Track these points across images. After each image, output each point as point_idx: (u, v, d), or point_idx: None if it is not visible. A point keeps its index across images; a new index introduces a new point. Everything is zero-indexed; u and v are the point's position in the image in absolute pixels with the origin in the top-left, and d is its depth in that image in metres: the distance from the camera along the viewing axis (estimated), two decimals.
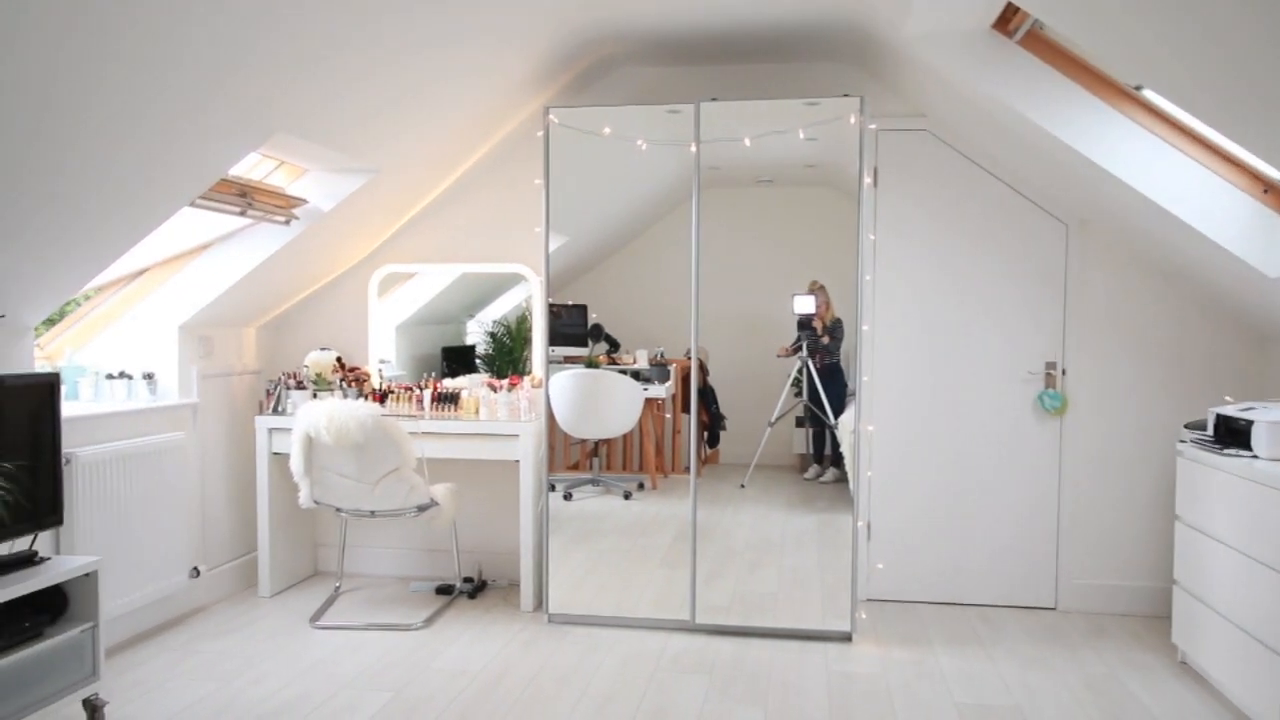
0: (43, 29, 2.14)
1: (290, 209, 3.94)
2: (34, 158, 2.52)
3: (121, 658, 3.56)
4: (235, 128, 3.02)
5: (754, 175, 4.43)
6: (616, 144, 3.99)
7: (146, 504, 3.72)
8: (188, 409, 4.10)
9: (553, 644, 3.76)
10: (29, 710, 2.72)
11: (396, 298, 4.84)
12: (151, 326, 4.03)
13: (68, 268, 3.08)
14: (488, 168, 4.57)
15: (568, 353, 4.43)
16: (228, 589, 4.38)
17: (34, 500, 2.93)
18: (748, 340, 4.47)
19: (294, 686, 3.32)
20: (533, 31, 3.54)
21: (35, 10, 2.08)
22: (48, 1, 2.07)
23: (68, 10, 2.13)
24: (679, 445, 4.61)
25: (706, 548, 4.03)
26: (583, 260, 4.56)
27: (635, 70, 4.39)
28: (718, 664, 3.55)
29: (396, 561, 4.72)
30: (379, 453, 3.85)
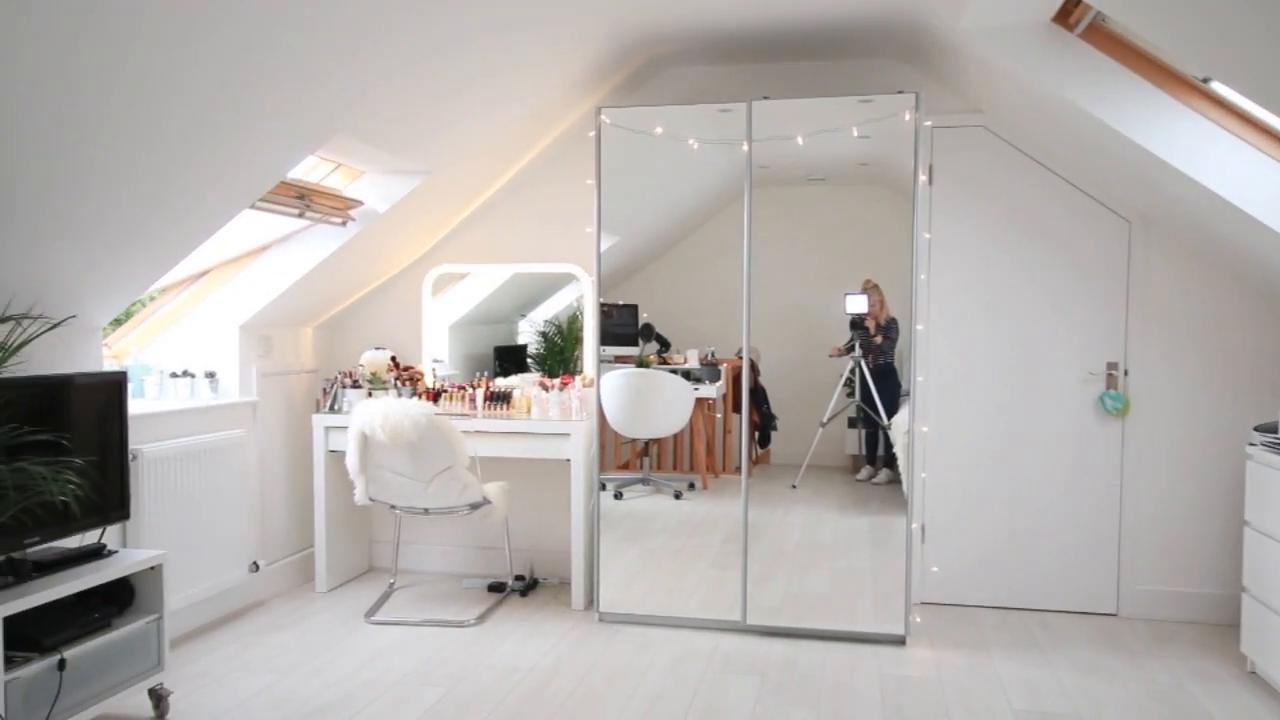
0: (107, 39, 2.20)
1: (347, 210, 4.01)
2: (102, 163, 2.59)
3: (184, 649, 3.65)
4: (295, 131, 3.08)
5: (806, 174, 4.40)
6: (668, 143, 3.99)
7: (208, 499, 3.81)
8: (248, 407, 4.19)
9: (603, 643, 3.77)
10: (99, 698, 2.81)
11: (449, 297, 4.90)
12: (213, 326, 4.12)
13: (134, 269, 3.17)
14: (540, 168, 4.60)
15: (618, 352, 4.44)
16: (285, 584, 4.46)
17: (103, 495, 3.02)
18: (799, 340, 4.44)
19: (350, 680, 3.37)
20: (585, 32, 3.55)
21: (100, 20, 2.14)
22: (111, 12, 2.13)
23: (131, 20, 2.19)
24: (729, 445, 4.60)
25: (757, 548, 4.01)
26: (633, 260, 4.56)
27: (687, 69, 4.39)
28: (769, 665, 3.53)
29: (449, 559, 4.77)
30: (433, 451, 3.89)
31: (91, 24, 2.13)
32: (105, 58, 2.25)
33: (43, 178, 2.49)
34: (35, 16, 2.02)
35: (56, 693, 2.66)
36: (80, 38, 2.15)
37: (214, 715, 3.08)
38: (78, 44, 2.16)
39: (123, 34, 2.21)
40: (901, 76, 4.17)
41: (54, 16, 2.05)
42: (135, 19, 2.19)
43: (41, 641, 2.65)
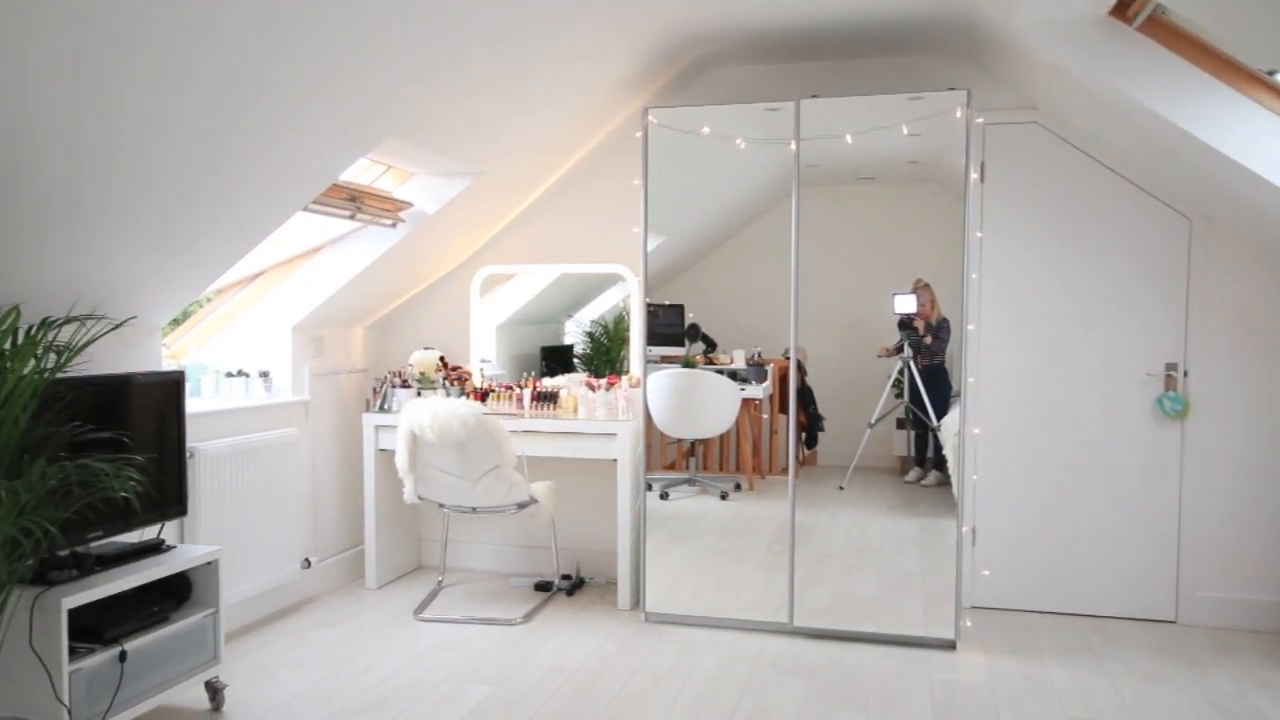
0: (167, 50, 2.25)
1: (397, 212, 4.06)
2: (162, 169, 2.65)
3: (239, 643, 3.73)
4: (347, 134, 3.12)
5: (854, 172, 4.36)
6: (715, 143, 3.97)
7: (262, 497, 3.88)
8: (300, 406, 4.26)
9: (649, 643, 3.77)
10: (158, 690, 2.87)
11: (497, 298, 4.93)
12: (267, 327, 4.20)
13: (192, 271, 3.24)
14: (586, 169, 4.62)
15: (664, 352, 4.44)
16: (336, 580, 4.53)
17: (161, 491, 3.10)
18: (847, 340, 4.40)
19: (399, 676, 3.41)
20: (633, 33, 3.55)
21: (160, 32, 2.19)
22: (173, 22, 2.18)
23: (192, 28, 2.23)
24: (776, 446, 4.57)
25: (804, 550, 3.98)
26: (680, 260, 4.56)
27: (734, 69, 4.37)
28: (816, 667, 3.51)
29: (496, 557, 4.80)
30: (480, 450, 3.93)
31: (150, 38, 2.18)
32: (165, 71, 2.30)
33: (105, 184, 2.56)
34: (97, 33, 2.08)
35: (118, 683, 2.73)
36: (137, 54, 2.20)
37: (268, 708, 3.14)
38: (135, 59, 2.21)
39: (179, 47, 2.26)
40: (952, 73, 4.11)
41: (113, 33, 2.11)
42: (194, 27, 2.24)
43: (104, 633, 2.72)
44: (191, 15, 2.21)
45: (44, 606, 2.56)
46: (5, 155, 2.26)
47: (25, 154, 2.30)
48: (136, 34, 2.16)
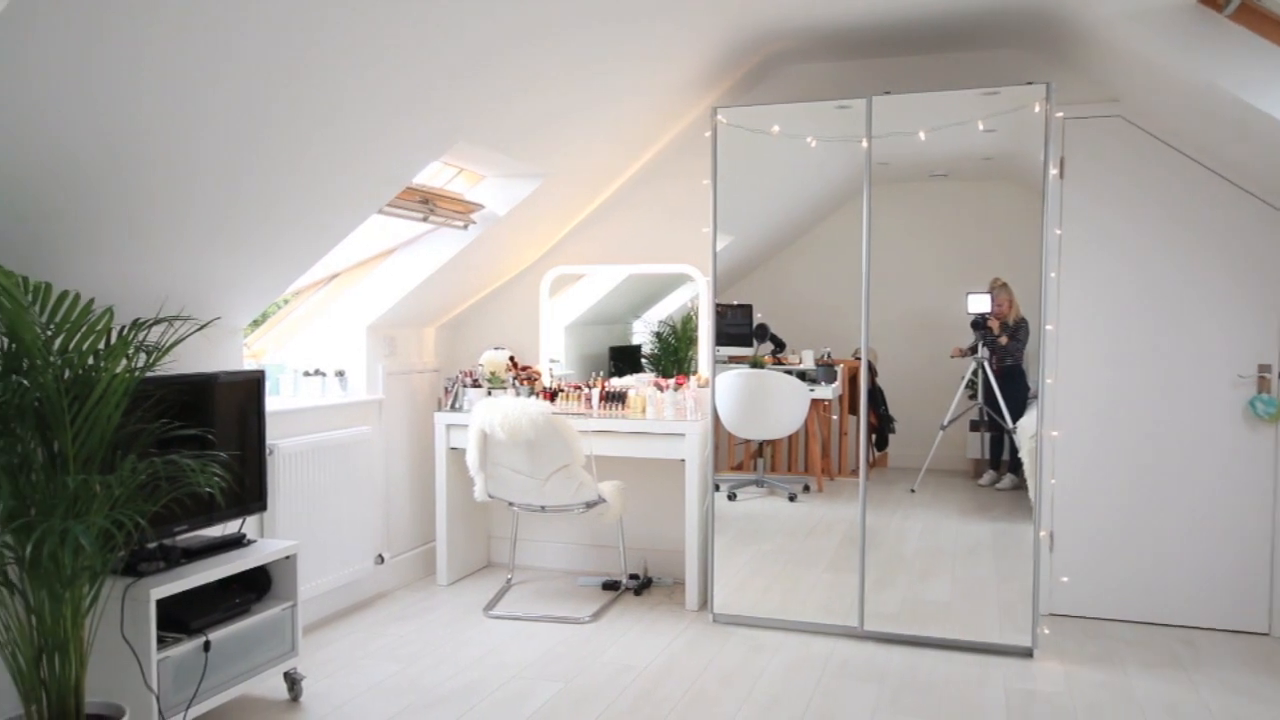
0: (256, 64, 2.32)
1: (468, 214, 4.11)
2: (245, 175, 2.73)
3: (315, 636, 3.82)
4: (420, 138, 3.18)
5: (927, 170, 4.27)
6: (784, 142, 3.94)
7: (337, 493, 3.97)
8: (374, 404, 4.35)
9: (717, 644, 3.76)
10: (239, 679, 2.96)
11: (566, 298, 4.97)
12: (343, 327, 4.30)
13: (272, 273, 3.33)
14: (655, 170, 4.62)
15: (732, 352, 4.42)
16: (408, 576, 4.61)
17: (242, 487, 3.19)
18: (919, 340, 4.32)
19: (470, 672, 3.46)
20: (702, 32, 3.54)
21: (239, 42, 2.25)
22: (250, 32, 2.24)
23: (280, 43, 2.30)
24: (846, 447, 4.51)
25: (875, 553, 3.92)
26: (748, 260, 4.53)
27: (804, 67, 4.33)
28: (888, 673, 3.45)
29: (564, 556, 4.84)
30: (549, 449, 3.96)
31: (240, 52, 2.25)
32: (252, 82, 2.37)
33: (190, 192, 2.65)
34: (187, 46, 2.15)
35: (202, 672, 2.82)
36: (226, 68, 2.27)
37: (343, 700, 3.21)
38: (223, 73, 2.28)
39: (268, 61, 2.33)
40: (1030, 67, 4.01)
41: (203, 46, 2.17)
42: (272, 36, 2.30)
43: (189, 624, 2.81)
44: (279, 31, 2.27)
45: (134, 597, 2.65)
46: (102, 166, 2.35)
47: (120, 163, 2.39)
48: (227, 48, 2.23)
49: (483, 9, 2.67)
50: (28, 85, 2.02)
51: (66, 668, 2.35)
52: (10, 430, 2.27)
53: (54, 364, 2.28)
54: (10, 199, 2.29)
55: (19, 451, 2.30)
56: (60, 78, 2.06)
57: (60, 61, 2.02)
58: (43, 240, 2.48)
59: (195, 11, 2.10)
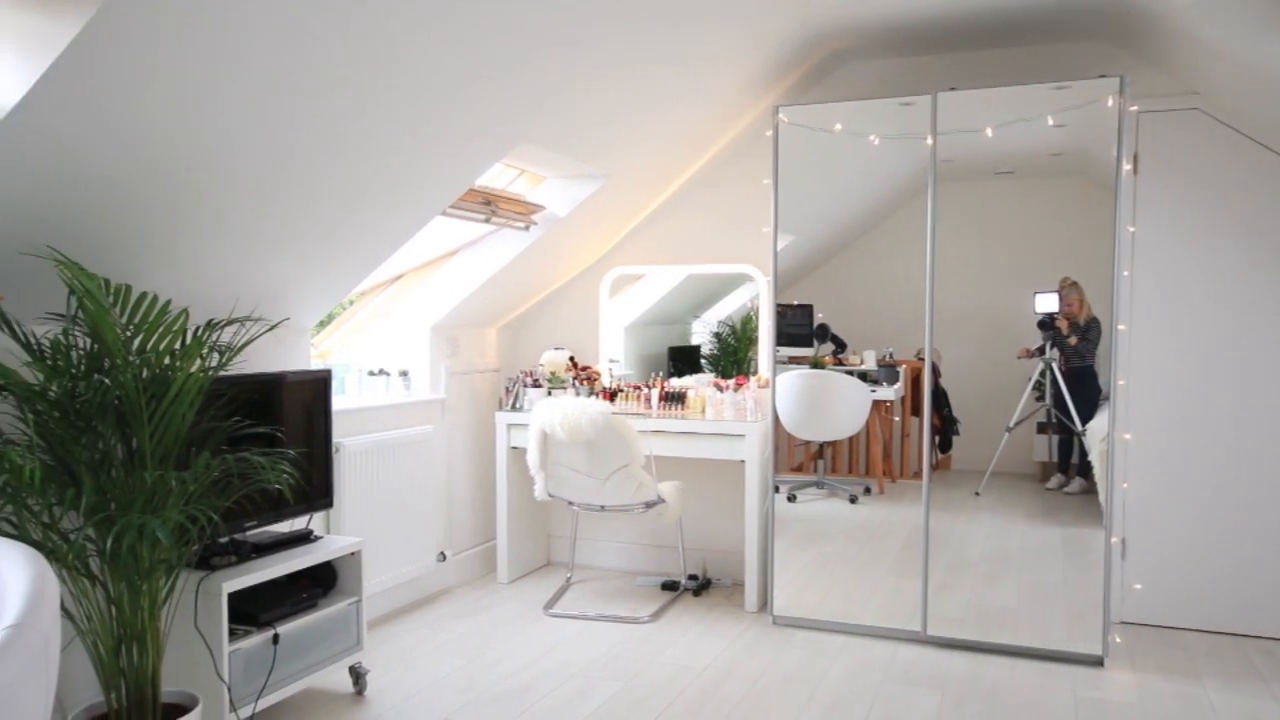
0: (323, 71, 2.37)
1: (530, 215, 4.15)
2: (314, 180, 2.79)
3: (379, 631, 3.88)
4: (484, 140, 3.21)
5: (993, 167, 4.19)
6: (847, 140, 3.90)
7: (400, 491, 4.03)
8: (437, 404, 4.41)
9: (777, 646, 3.73)
10: (307, 671, 3.03)
11: (626, 299, 4.98)
12: (407, 327, 4.37)
13: (339, 274, 3.40)
14: (715, 169, 4.61)
15: (792, 353, 4.38)
16: (469, 574, 4.67)
17: (310, 484, 3.26)
18: (984, 341, 4.23)
19: (531, 669, 3.49)
20: (764, 29, 3.52)
21: (317, 54, 2.30)
22: (321, 41, 2.29)
23: (340, 46, 2.34)
24: (908, 449, 4.44)
25: (938, 557, 3.86)
26: (809, 259, 4.49)
27: (867, 64, 4.28)
28: (951, 679, 3.39)
29: (623, 555, 4.85)
30: (609, 449, 3.97)
31: (312, 65, 2.30)
32: (321, 90, 2.42)
33: (263, 196, 2.71)
34: (263, 68, 2.21)
35: (271, 664, 2.89)
36: (299, 77, 2.32)
37: (407, 695, 3.26)
38: (299, 81, 2.33)
39: (334, 69, 2.37)
40: (1102, 59, 3.90)
41: (276, 65, 2.23)
42: (342, 44, 2.35)
43: (258, 617, 2.88)
44: (354, 40, 2.31)
45: (207, 589, 2.73)
46: (181, 172, 2.42)
47: (199, 170, 2.46)
48: (306, 60, 2.28)
49: (544, 12, 2.69)
50: (113, 95, 2.09)
51: (144, 657, 2.43)
52: (92, 427, 2.35)
53: (133, 363, 2.35)
54: (94, 204, 2.37)
55: (100, 448, 2.38)
56: (144, 88, 2.12)
57: (145, 73, 2.08)
58: (124, 243, 2.57)
59: (277, 27, 2.15)
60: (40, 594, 1.51)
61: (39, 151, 2.14)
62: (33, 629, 1.43)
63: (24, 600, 1.48)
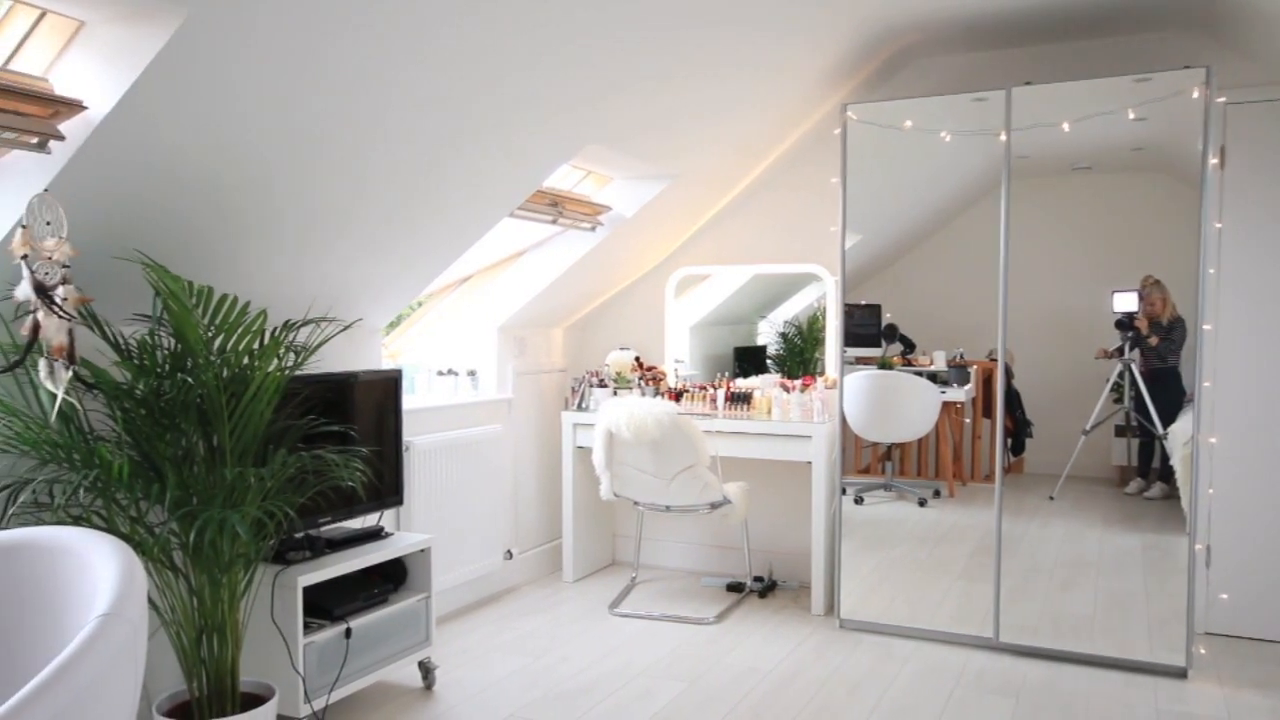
0: (392, 75, 2.41)
1: (596, 216, 4.16)
2: (386, 183, 2.84)
3: (447, 627, 3.94)
4: (551, 142, 3.24)
5: (1069, 162, 4.08)
6: (917, 137, 3.83)
7: (468, 489, 4.08)
8: (504, 404, 4.46)
9: (845, 650, 3.69)
10: (378, 666, 3.09)
11: (691, 299, 4.97)
12: (475, 328, 4.42)
13: (410, 275, 3.46)
14: (782, 169, 4.58)
15: (860, 354, 4.33)
16: (535, 572, 4.71)
17: (381, 481, 3.32)
18: (1059, 341, 4.12)
19: (596, 668, 3.50)
20: (833, 26, 3.48)
21: (384, 58, 2.34)
22: (395, 48, 2.33)
23: (414, 52, 2.38)
24: (979, 452, 4.35)
25: (1011, 562, 3.77)
26: (877, 258, 4.42)
27: (939, 59, 4.20)
28: (1025, 687, 3.31)
29: (688, 556, 4.84)
30: (675, 449, 3.97)
31: (376, 65, 2.34)
32: (395, 97, 2.46)
33: (338, 201, 2.77)
34: (343, 78, 2.25)
35: (344, 658, 2.95)
36: (369, 83, 2.37)
37: (475, 690, 3.30)
38: (368, 85, 2.38)
39: (400, 73, 2.42)
40: (1186, 49, 3.77)
41: (343, 63, 2.28)
42: (412, 51, 2.39)
43: (332, 611, 2.95)
44: (414, 41, 2.35)
45: (283, 583, 2.80)
46: (262, 179, 2.49)
47: (278, 177, 2.52)
48: (377, 65, 2.33)
49: (611, 15, 2.70)
50: (197, 104, 2.16)
51: (224, 648, 2.50)
52: (176, 425, 2.43)
53: (214, 363, 2.42)
54: (179, 209, 2.45)
55: (183, 444, 2.46)
56: (226, 97, 2.19)
57: (227, 82, 2.15)
58: (206, 247, 2.65)
59: (352, 37, 2.20)
60: (129, 585, 1.56)
61: (128, 160, 2.22)
62: (122, 618, 1.49)
63: (114, 591, 1.53)
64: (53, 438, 2.32)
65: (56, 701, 1.33)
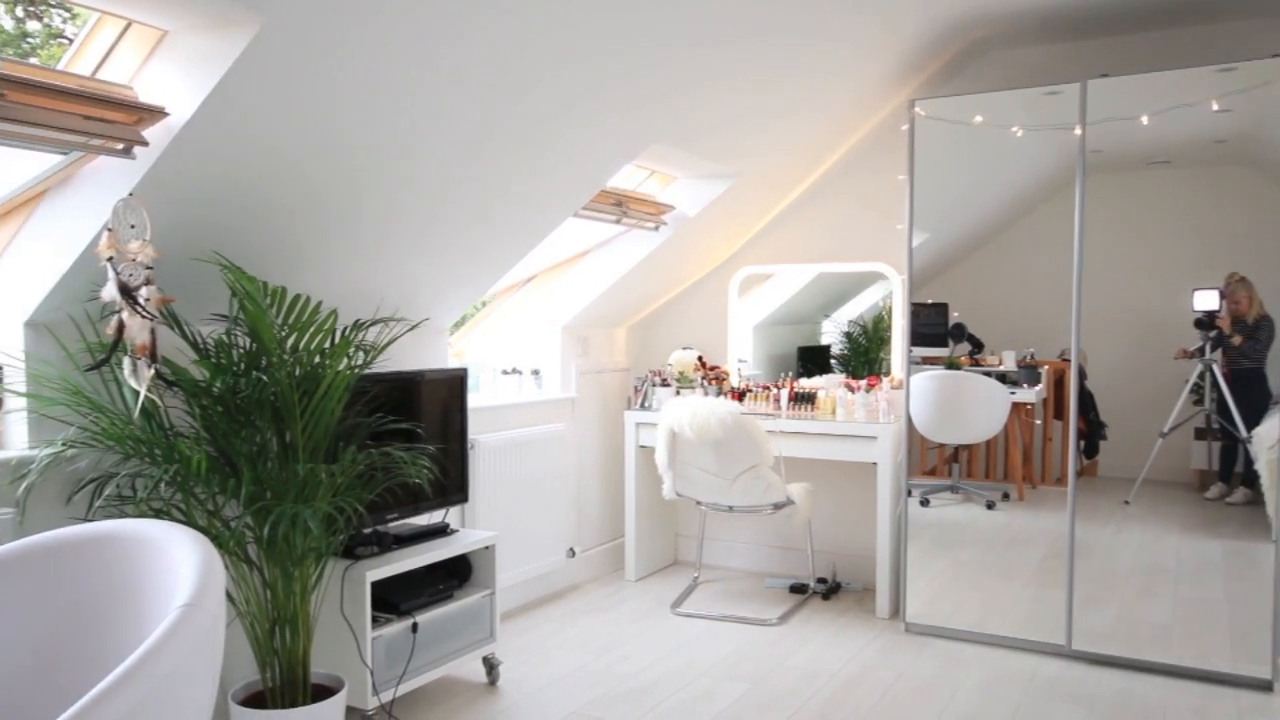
0: (458, 78, 2.44)
1: (660, 215, 4.17)
2: (453, 184, 2.88)
3: (510, 624, 3.98)
4: (616, 141, 3.25)
5: (1146, 156, 3.95)
6: (987, 132, 3.76)
7: (532, 487, 4.12)
8: (567, 403, 4.49)
9: (910, 654, 3.63)
10: (443, 660, 3.13)
11: (754, 298, 4.95)
12: (539, 327, 4.46)
13: (476, 275, 3.50)
14: (848, 166, 4.52)
15: (926, 353, 4.25)
16: (598, 570, 4.73)
17: (447, 478, 3.37)
18: (1135, 341, 4.00)
19: (658, 667, 3.50)
20: (900, 21, 3.43)
21: (449, 62, 2.37)
22: (460, 52, 2.36)
23: (480, 55, 2.41)
24: (1049, 454, 4.24)
25: (1084, 567, 3.67)
26: (943, 257, 4.34)
27: (1009, 52, 4.11)
28: (1099, 697, 3.22)
29: (751, 556, 4.81)
30: (738, 449, 3.95)
31: (441, 69, 2.38)
32: (460, 101, 2.50)
33: (405, 203, 2.82)
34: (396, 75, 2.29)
35: (410, 652, 3.00)
36: (433, 85, 2.40)
37: (538, 687, 3.33)
38: (435, 89, 2.42)
39: (466, 76, 2.44)
40: (1274, 38, 3.63)
41: (409, 69, 2.31)
42: (476, 58, 2.41)
43: (399, 606, 3.00)
44: (485, 44, 2.38)
45: (352, 578, 2.86)
46: (333, 181, 2.55)
47: (348, 179, 2.58)
48: (443, 70, 2.36)
49: (674, 16, 2.69)
50: (270, 109, 2.22)
51: (295, 640, 2.56)
52: (251, 421, 2.50)
53: (287, 361, 2.48)
54: (254, 211, 2.52)
55: (257, 441, 2.52)
56: (299, 102, 2.24)
57: (299, 88, 2.20)
58: (280, 248, 2.72)
59: (419, 43, 2.24)
60: (209, 577, 1.61)
61: (206, 164, 2.29)
62: (202, 609, 1.53)
63: (195, 582, 1.58)
64: (136, 433, 2.40)
65: (143, 686, 1.38)
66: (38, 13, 2.27)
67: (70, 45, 2.21)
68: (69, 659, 1.82)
